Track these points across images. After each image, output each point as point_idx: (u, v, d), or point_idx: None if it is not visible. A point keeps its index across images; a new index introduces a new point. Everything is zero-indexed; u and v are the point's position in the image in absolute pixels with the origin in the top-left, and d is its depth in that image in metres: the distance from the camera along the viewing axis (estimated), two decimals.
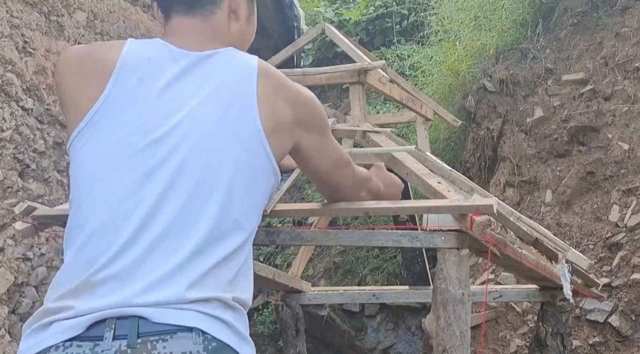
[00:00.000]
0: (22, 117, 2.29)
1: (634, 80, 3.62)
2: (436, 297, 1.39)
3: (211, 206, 0.93)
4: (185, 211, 0.92)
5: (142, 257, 0.89)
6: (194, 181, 0.94)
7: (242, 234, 0.97)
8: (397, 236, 1.41)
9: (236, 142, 0.97)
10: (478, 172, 4.18)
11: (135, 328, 0.84)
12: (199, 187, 0.94)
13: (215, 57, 1.03)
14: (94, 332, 0.85)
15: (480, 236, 1.36)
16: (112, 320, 0.84)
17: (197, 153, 0.95)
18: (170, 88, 0.99)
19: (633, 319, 2.97)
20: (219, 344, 0.87)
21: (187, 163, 0.94)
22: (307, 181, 5.21)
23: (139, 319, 0.84)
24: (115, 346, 0.83)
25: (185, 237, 0.91)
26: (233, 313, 0.92)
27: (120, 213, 0.91)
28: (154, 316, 0.85)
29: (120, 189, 0.93)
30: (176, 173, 0.94)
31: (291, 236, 1.46)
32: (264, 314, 4.64)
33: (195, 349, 0.84)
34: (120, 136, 0.96)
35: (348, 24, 5.82)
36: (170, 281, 0.88)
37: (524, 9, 4.29)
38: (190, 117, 0.96)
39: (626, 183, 3.37)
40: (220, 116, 0.97)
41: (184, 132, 0.95)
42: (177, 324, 0.85)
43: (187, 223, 0.92)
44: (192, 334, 0.85)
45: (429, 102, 2.50)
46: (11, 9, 2.30)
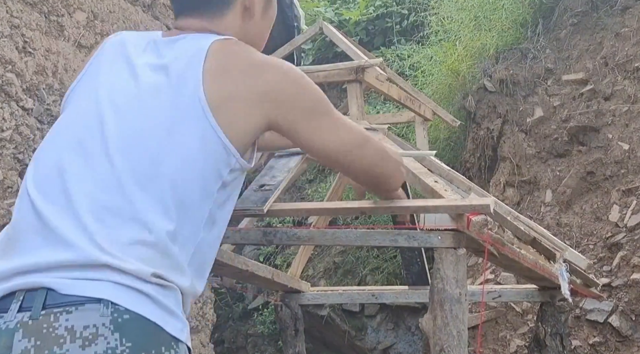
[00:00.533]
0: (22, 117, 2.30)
1: (634, 80, 3.61)
2: (433, 296, 1.39)
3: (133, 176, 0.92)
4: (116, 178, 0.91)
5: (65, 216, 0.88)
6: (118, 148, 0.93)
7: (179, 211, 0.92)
8: (394, 236, 1.42)
9: (175, 108, 0.95)
10: (478, 172, 4.18)
11: (42, 299, 0.82)
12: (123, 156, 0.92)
13: (184, 39, 1.03)
14: (3, 304, 0.84)
15: (477, 235, 1.36)
16: (21, 292, 0.83)
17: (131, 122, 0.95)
18: (134, 66, 1.01)
19: (633, 319, 2.97)
20: (132, 317, 0.83)
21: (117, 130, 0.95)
22: (307, 181, 5.21)
23: (48, 290, 0.82)
24: (18, 317, 0.82)
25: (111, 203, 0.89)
26: (159, 287, 0.88)
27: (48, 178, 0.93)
28: (62, 288, 0.82)
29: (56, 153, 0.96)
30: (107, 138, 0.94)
31: (288, 235, 1.46)
32: (263, 314, 4.64)
33: (100, 321, 0.81)
34: (75, 107, 1.01)
35: (348, 24, 5.82)
36: (90, 240, 0.86)
37: (524, 9, 4.28)
38: (135, 89, 0.98)
39: (626, 183, 3.36)
40: (162, 86, 0.97)
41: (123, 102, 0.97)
42: (85, 296, 0.82)
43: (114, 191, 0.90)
44: (100, 305, 0.82)
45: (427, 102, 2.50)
46: (11, 9, 2.30)
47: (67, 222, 0.87)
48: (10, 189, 2.21)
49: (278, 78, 1.00)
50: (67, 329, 0.80)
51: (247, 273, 2.00)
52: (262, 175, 1.51)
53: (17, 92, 2.27)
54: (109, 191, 0.90)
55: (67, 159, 0.94)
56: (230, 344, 4.84)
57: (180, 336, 0.89)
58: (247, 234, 1.53)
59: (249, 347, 4.72)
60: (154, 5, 3.03)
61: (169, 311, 0.88)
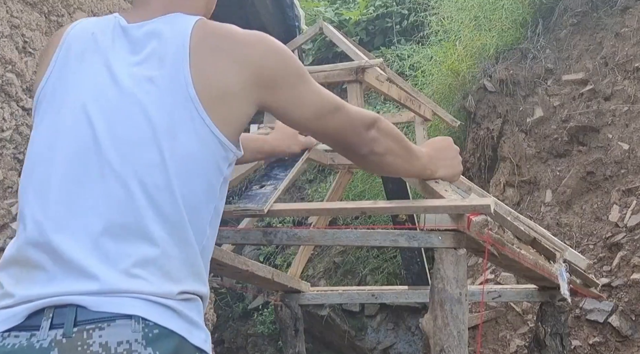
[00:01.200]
0: (22, 117, 2.30)
1: (634, 80, 3.62)
2: (433, 297, 1.39)
3: (148, 191, 0.88)
4: (115, 193, 0.88)
5: (79, 246, 0.86)
6: (121, 162, 0.89)
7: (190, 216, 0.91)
8: (394, 236, 1.41)
9: (166, 113, 0.91)
10: (478, 172, 4.18)
11: (73, 316, 0.81)
12: (127, 169, 0.89)
13: (154, 26, 0.97)
14: (32, 321, 0.83)
15: (477, 235, 1.36)
16: (50, 309, 0.82)
17: (129, 132, 0.91)
18: (111, 65, 0.95)
19: (633, 319, 2.97)
20: (161, 331, 0.83)
21: (121, 142, 0.90)
22: (307, 181, 5.21)
23: (77, 307, 0.82)
24: (51, 335, 0.81)
25: (124, 221, 0.87)
26: (184, 301, 0.88)
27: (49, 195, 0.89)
28: (92, 305, 0.82)
29: (53, 171, 0.91)
30: (105, 152, 0.90)
31: (288, 235, 1.46)
32: (263, 314, 4.64)
33: (133, 337, 0.81)
34: (58, 116, 0.94)
35: (348, 24, 5.82)
36: (111, 266, 0.85)
37: (524, 9, 4.29)
38: (122, 95, 0.92)
39: (626, 183, 3.36)
40: (150, 89, 0.92)
41: (112, 108, 0.92)
42: (115, 312, 0.82)
43: (123, 208, 0.88)
44: (131, 321, 0.82)
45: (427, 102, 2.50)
46: (11, 9, 2.30)
47: (83, 252, 0.86)
48: (10, 189, 2.21)
49: (266, 61, 0.96)
50: (101, 345, 0.81)
51: (247, 273, 2.00)
52: (262, 175, 1.51)
53: (17, 92, 2.27)
54: (122, 210, 0.88)
55: (68, 178, 0.90)
56: (230, 344, 4.84)
57: (204, 346, 0.90)
58: (247, 234, 1.53)
59: (249, 347, 4.72)
60: None
61: (193, 323, 0.89)
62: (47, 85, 0.97)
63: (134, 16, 1.01)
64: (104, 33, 0.99)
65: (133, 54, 0.96)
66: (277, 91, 0.98)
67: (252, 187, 1.47)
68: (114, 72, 0.94)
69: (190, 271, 0.91)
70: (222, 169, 0.96)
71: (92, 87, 0.94)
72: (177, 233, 0.90)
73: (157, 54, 0.94)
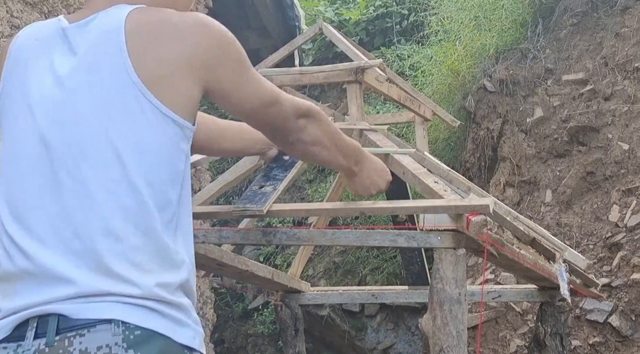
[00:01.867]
0: None
1: (634, 80, 3.62)
2: (433, 297, 1.39)
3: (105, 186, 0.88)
4: (79, 195, 0.88)
5: (51, 252, 0.87)
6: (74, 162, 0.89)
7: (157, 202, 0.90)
8: (394, 236, 1.42)
9: (112, 104, 0.90)
10: (478, 172, 4.18)
11: (55, 325, 0.83)
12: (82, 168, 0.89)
13: (93, 22, 0.96)
14: (19, 332, 0.85)
15: (476, 235, 1.36)
16: (34, 319, 0.84)
17: (78, 131, 0.90)
18: (53, 67, 0.95)
19: (633, 319, 2.97)
20: (143, 333, 0.84)
21: (71, 143, 0.90)
22: (307, 181, 5.21)
23: (59, 316, 0.84)
24: (35, 345, 0.83)
25: (90, 223, 0.87)
26: (161, 300, 0.88)
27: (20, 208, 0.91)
28: (72, 313, 0.83)
29: (17, 183, 0.92)
30: (58, 156, 0.90)
31: (288, 236, 1.46)
32: (263, 314, 4.64)
33: (113, 341, 0.82)
34: (13, 130, 0.95)
35: (348, 23, 5.82)
36: (84, 268, 0.85)
37: (524, 9, 4.29)
38: (65, 95, 0.92)
39: (626, 183, 3.36)
40: (91, 84, 0.92)
41: (63, 112, 0.92)
42: (96, 318, 0.83)
43: (85, 207, 0.88)
44: (111, 325, 0.83)
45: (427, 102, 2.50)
46: (11, 9, 2.30)
47: (55, 257, 0.87)
48: None
49: (203, 41, 0.95)
50: (81, 351, 0.82)
51: (247, 273, 2.00)
52: (262, 175, 1.51)
53: None
54: (84, 209, 0.88)
55: (32, 187, 0.91)
56: (230, 344, 4.84)
57: (192, 343, 0.89)
58: (247, 235, 1.53)
59: (249, 347, 4.72)
60: None
61: (177, 321, 0.88)
62: (1, 99, 0.98)
63: (78, 15, 1.00)
64: (47, 37, 0.99)
65: (72, 53, 0.95)
66: (216, 73, 0.97)
67: (251, 187, 1.47)
68: (57, 74, 0.94)
69: (165, 259, 0.91)
70: (181, 147, 0.95)
71: (37, 93, 0.95)
72: (143, 224, 0.90)
73: (95, 47, 0.94)
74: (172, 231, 0.94)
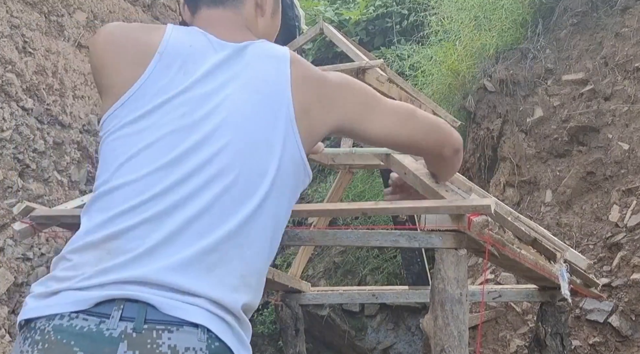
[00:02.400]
0: (22, 117, 2.30)
1: (634, 80, 3.62)
2: (434, 297, 1.39)
3: (252, 199, 0.93)
4: (220, 201, 0.91)
5: (164, 238, 0.88)
6: (231, 168, 0.93)
7: (271, 234, 0.97)
8: (395, 236, 1.42)
9: (274, 130, 0.96)
10: (478, 172, 4.18)
11: (144, 313, 0.84)
12: (239, 176, 0.93)
13: (251, 48, 1.03)
14: (102, 309, 0.85)
15: (477, 236, 1.36)
16: (121, 301, 0.85)
17: (236, 141, 0.94)
18: (210, 76, 0.99)
19: (633, 319, 2.97)
20: (221, 345, 0.87)
21: (225, 151, 0.94)
22: None
23: (148, 305, 0.85)
24: (121, 326, 0.83)
25: (215, 229, 0.90)
26: (239, 319, 0.92)
27: (147, 190, 0.91)
28: (162, 307, 0.85)
29: (151, 169, 0.93)
30: (212, 159, 0.93)
31: (289, 236, 1.46)
32: (264, 314, 4.64)
33: (198, 346, 0.84)
34: (156, 119, 0.96)
35: (348, 23, 5.82)
36: (188, 269, 0.87)
37: (524, 9, 4.29)
38: (227, 105, 0.96)
39: (626, 183, 3.37)
40: (255, 104, 0.97)
41: (220, 119, 0.95)
42: (184, 319, 0.85)
43: (221, 214, 0.91)
44: (197, 330, 0.85)
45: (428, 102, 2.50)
46: (11, 9, 2.30)
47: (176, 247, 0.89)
48: (10, 189, 2.21)
49: (339, 86, 1.05)
50: (170, 347, 0.83)
51: None
52: None
53: (17, 92, 2.27)
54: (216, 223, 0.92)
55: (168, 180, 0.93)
56: None
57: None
58: None
59: None
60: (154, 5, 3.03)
61: (242, 342, 0.92)
62: (142, 88, 0.98)
63: (221, 34, 1.05)
64: (204, 49, 1.03)
65: (237, 73, 1.00)
66: (352, 112, 1.06)
67: None
68: (222, 88, 0.99)
69: (251, 280, 0.95)
70: (299, 191, 1.04)
71: (196, 97, 0.98)
72: (263, 254, 0.96)
73: (260, 72, 1.00)
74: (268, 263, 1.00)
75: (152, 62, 0.99)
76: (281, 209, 0.99)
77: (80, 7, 2.68)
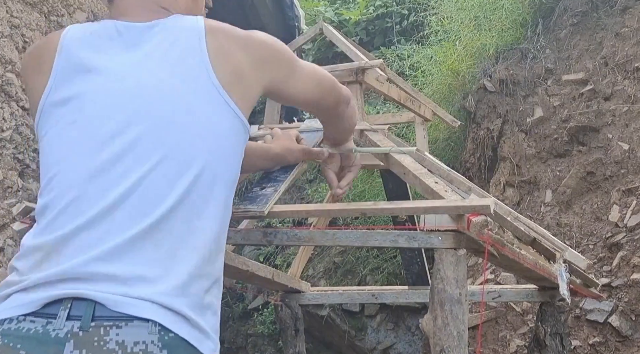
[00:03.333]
0: (22, 117, 2.30)
1: (634, 80, 3.62)
2: (433, 297, 1.39)
3: (188, 173, 0.91)
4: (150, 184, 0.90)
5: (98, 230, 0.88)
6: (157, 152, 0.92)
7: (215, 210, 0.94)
8: (394, 236, 1.42)
9: (195, 103, 0.94)
10: (478, 172, 4.18)
11: (91, 310, 0.83)
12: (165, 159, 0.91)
13: (161, 25, 1.01)
14: (49, 310, 0.84)
15: (477, 236, 1.36)
16: (68, 300, 0.84)
17: (156, 124, 0.93)
18: (118, 60, 0.97)
19: (633, 319, 2.97)
20: (176, 337, 0.85)
21: (146, 134, 0.92)
22: (307, 181, 5.21)
23: (96, 303, 0.84)
24: (68, 326, 0.82)
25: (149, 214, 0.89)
26: (195, 307, 0.89)
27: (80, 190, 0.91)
28: (111, 304, 0.84)
29: (79, 167, 0.92)
30: (134, 144, 0.91)
31: (288, 236, 1.46)
32: (263, 314, 4.64)
33: (149, 339, 0.83)
34: (74, 115, 0.95)
35: (348, 24, 5.82)
36: (132, 256, 0.86)
37: (524, 9, 4.29)
38: (142, 88, 0.95)
39: (626, 183, 3.36)
40: (172, 81, 0.95)
41: (137, 104, 0.94)
42: (132, 315, 0.84)
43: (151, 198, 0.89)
44: (148, 323, 0.84)
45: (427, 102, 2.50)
46: (11, 9, 2.30)
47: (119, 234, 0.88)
48: (10, 189, 2.21)
49: (263, 47, 1.05)
50: (118, 343, 0.82)
51: (247, 273, 2.00)
52: (263, 177, 1.51)
53: (17, 92, 2.27)
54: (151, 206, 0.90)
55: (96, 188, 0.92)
56: (230, 344, 4.84)
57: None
58: (247, 235, 1.53)
59: (249, 347, 4.72)
60: None
61: (204, 333, 0.90)
62: (53, 90, 0.98)
63: (132, 18, 1.03)
64: (108, 34, 1.01)
65: (147, 53, 0.98)
66: (277, 73, 1.07)
67: (252, 188, 1.47)
68: (131, 72, 0.96)
69: (207, 263, 0.93)
70: (242, 151, 1.02)
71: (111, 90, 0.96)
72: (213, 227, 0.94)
73: (172, 48, 0.98)
74: (217, 232, 0.97)
75: (55, 62, 0.99)
76: (226, 169, 0.97)
77: (80, 7, 2.68)
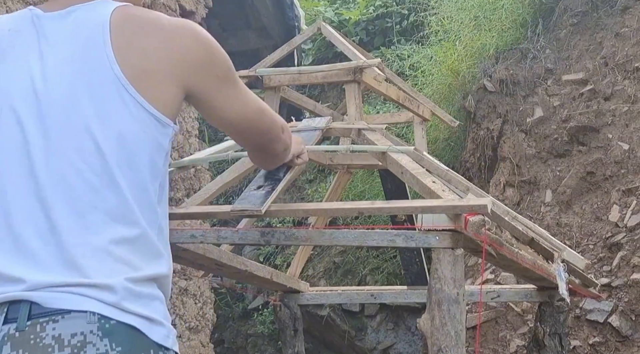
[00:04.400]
0: None
1: (634, 80, 3.61)
2: (431, 297, 1.39)
3: (85, 178, 0.88)
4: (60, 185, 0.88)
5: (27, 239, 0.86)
6: (61, 152, 0.89)
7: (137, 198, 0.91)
8: (392, 236, 1.42)
9: (92, 98, 0.90)
10: (478, 172, 4.18)
11: (27, 310, 0.83)
12: (62, 162, 0.89)
13: (77, 13, 0.96)
14: None
15: (474, 235, 1.36)
16: (4, 304, 0.84)
17: (57, 123, 0.90)
18: (30, 56, 0.94)
19: (633, 319, 2.97)
20: (118, 322, 0.84)
21: (51, 135, 0.90)
22: (307, 181, 5.21)
23: (31, 303, 0.83)
24: (4, 329, 0.82)
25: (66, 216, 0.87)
26: (137, 300, 0.87)
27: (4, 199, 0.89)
28: (46, 302, 0.83)
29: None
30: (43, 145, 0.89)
31: (286, 236, 1.46)
32: (263, 314, 4.64)
33: (88, 329, 0.82)
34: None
35: (348, 23, 5.82)
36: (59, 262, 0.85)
37: (524, 9, 4.29)
38: (48, 85, 0.91)
39: (626, 183, 3.36)
40: (73, 76, 0.91)
41: (43, 103, 0.91)
42: (70, 309, 0.83)
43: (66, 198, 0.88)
44: (86, 314, 0.83)
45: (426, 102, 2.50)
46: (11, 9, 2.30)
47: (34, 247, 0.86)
48: None
49: (189, 44, 0.96)
50: (54, 338, 0.81)
51: (246, 273, 2.00)
52: (261, 175, 1.51)
53: None
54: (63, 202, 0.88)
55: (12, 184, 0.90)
56: (230, 344, 4.84)
57: (166, 342, 0.89)
58: (245, 235, 1.53)
59: (249, 347, 4.73)
60: (154, 5, 3.03)
61: (150, 320, 0.88)
62: None
63: (53, 6, 0.99)
64: (20, 27, 0.97)
65: (51, 43, 0.95)
66: (201, 78, 0.98)
67: (250, 187, 1.47)
68: (36, 66, 0.93)
69: (150, 250, 0.91)
70: (162, 144, 0.95)
71: (18, 85, 0.93)
72: (124, 218, 0.90)
73: (77, 38, 0.93)
74: (154, 228, 0.94)
75: None
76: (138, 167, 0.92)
77: None
